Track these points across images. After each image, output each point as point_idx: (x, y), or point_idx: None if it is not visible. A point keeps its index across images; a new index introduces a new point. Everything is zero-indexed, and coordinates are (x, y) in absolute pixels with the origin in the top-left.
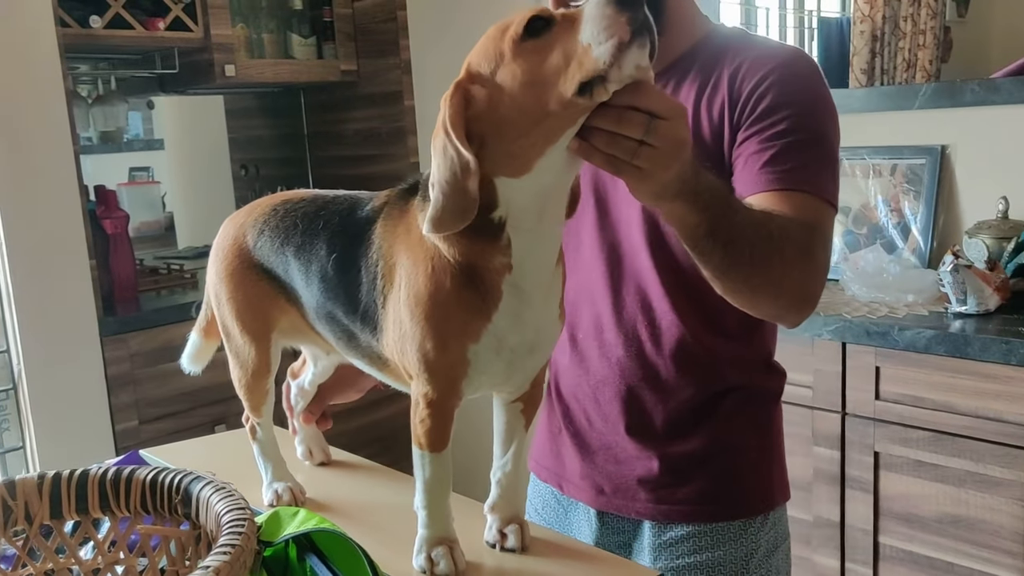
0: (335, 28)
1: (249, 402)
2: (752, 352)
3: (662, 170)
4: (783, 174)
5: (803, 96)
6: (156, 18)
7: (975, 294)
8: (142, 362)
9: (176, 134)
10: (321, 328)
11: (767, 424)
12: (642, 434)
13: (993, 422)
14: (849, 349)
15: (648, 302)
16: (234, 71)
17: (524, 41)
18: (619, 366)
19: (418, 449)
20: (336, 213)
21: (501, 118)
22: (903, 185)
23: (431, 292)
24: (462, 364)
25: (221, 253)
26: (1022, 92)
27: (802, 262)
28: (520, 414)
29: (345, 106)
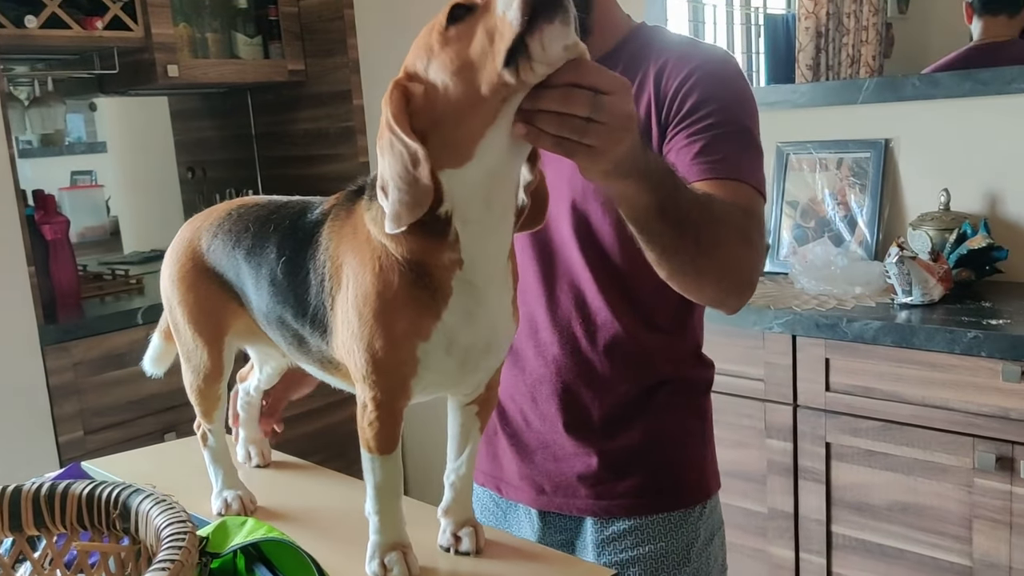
0: (281, 27)
1: (201, 407)
2: (683, 345)
3: (613, 145)
4: (714, 164)
5: (727, 92)
6: (94, 17)
7: (920, 285)
8: (86, 371)
9: (120, 136)
10: (272, 333)
11: (700, 415)
12: (580, 431)
13: (939, 410)
14: (799, 342)
15: (582, 299)
16: (177, 71)
17: (448, 30)
18: (555, 364)
19: (367, 453)
20: (286, 216)
21: (439, 110)
22: (849, 178)
23: (379, 290)
24: (411, 363)
25: (175, 256)
26: (961, 86)
27: (743, 244)
28: (475, 417)
29: (293, 106)
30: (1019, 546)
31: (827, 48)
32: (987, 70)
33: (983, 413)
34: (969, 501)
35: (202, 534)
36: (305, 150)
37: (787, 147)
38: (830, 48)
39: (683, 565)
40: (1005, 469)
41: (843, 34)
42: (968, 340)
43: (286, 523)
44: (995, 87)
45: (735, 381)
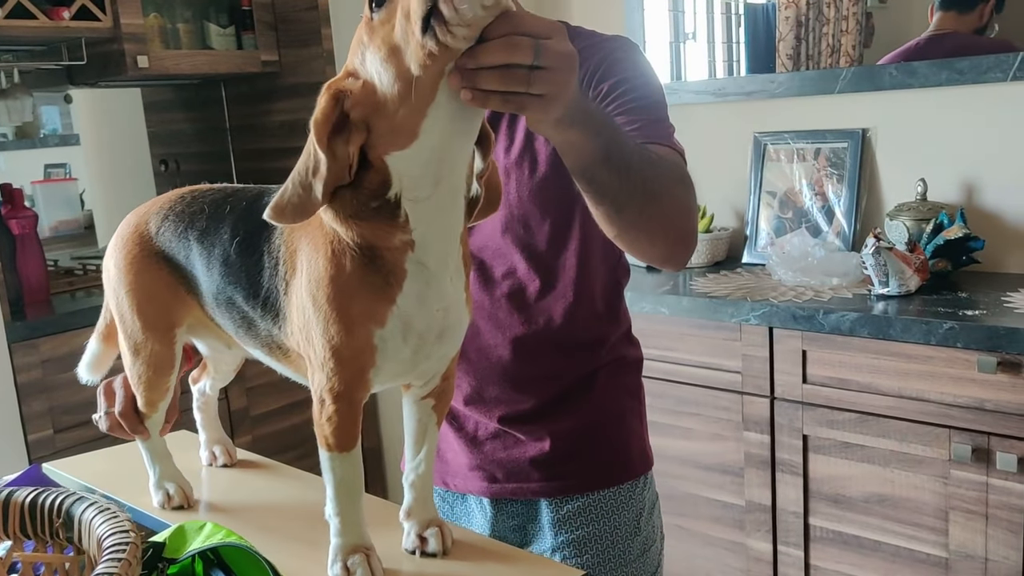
0: (254, 17)
1: (147, 398)
2: (617, 327)
3: (562, 88)
4: (638, 130)
5: (635, 70)
6: (60, 7)
7: (896, 276)
8: (55, 368)
9: (93, 129)
10: (219, 316)
11: (635, 392)
12: (530, 419)
13: (916, 401)
14: (776, 334)
15: (521, 291)
16: (147, 62)
17: (372, 19)
18: (498, 356)
19: (326, 451)
20: (243, 199)
21: (378, 99)
22: (826, 169)
23: (332, 276)
24: (369, 351)
25: (121, 242)
26: (938, 75)
27: (683, 191)
28: (431, 411)
29: (268, 97)
30: (995, 537)
31: (807, 38)
32: (964, 59)
33: (959, 404)
34: (945, 492)
35: (159, 539)
36: (280, 142)
37: (764, 137)
38: (810, 38)
39: (634, 535)
40: (981, 460)
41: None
42: (944, 331)
43: (248, 526)
44: (972, 76)
45: (712, 374)
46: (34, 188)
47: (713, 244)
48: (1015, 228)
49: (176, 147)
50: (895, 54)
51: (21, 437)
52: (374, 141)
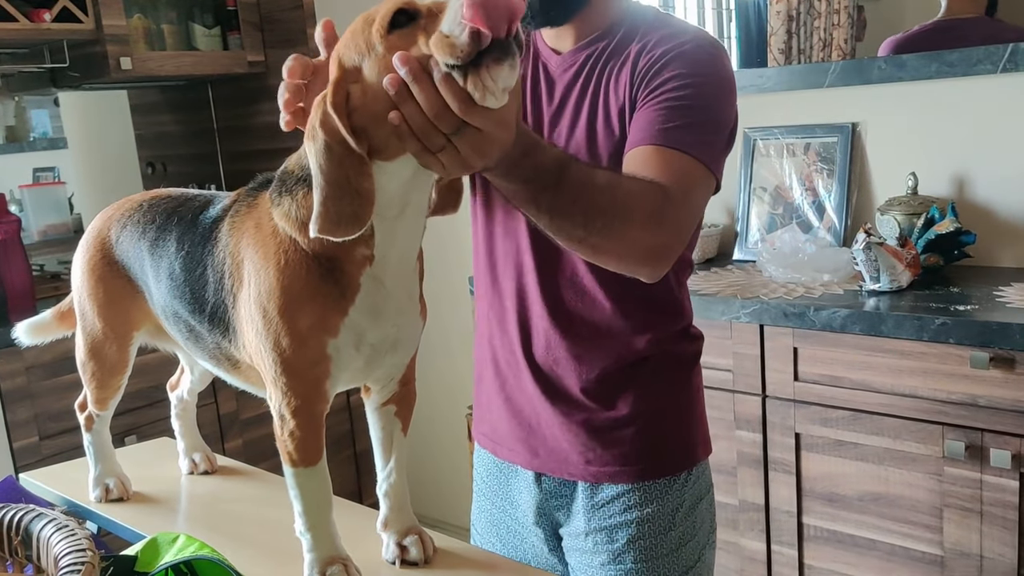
0: (239, 18)
1: (97, 395)
2: (671, 322)
3: (458, 169)
4: (663, 132)
5: (699, 70)
6: (41, 9)
7: (887, 271)
8: (40, 375)
9: (80, 132)
10: (169, 327)
11: (686, 386)
12: (570, 402)
13: (908, 398)
14: (767, 331)
15: (575, 274)
16: (130, 64)
17: (391, 34)
18: (546, 336)
19: (291, 467)
20: (190, 210)
21: (373, 110)
22: (816, 163)
23: (284, 286)
24: (324, 362)
25: (86, 246)
26: (928, 68)
27: (648, 224)
28: (395, 417)
29: (255, 98)
30: (989, 535)
31: (799, 32)
32: (954, 51)
33: (952, 401)
34: (939, 490)
35: (131, 552)
36: (268, 143)
37: (754, 132)
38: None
39: (668, 530)
40: (975, 457)
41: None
42: (936, 327)
43: (225, 537)
44: (961, 68)
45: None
46: (22, 192)
47: (704, 241)
48: (1007, 222)
49: (164, 149)
50: (901, 38)
51: (6, 444)
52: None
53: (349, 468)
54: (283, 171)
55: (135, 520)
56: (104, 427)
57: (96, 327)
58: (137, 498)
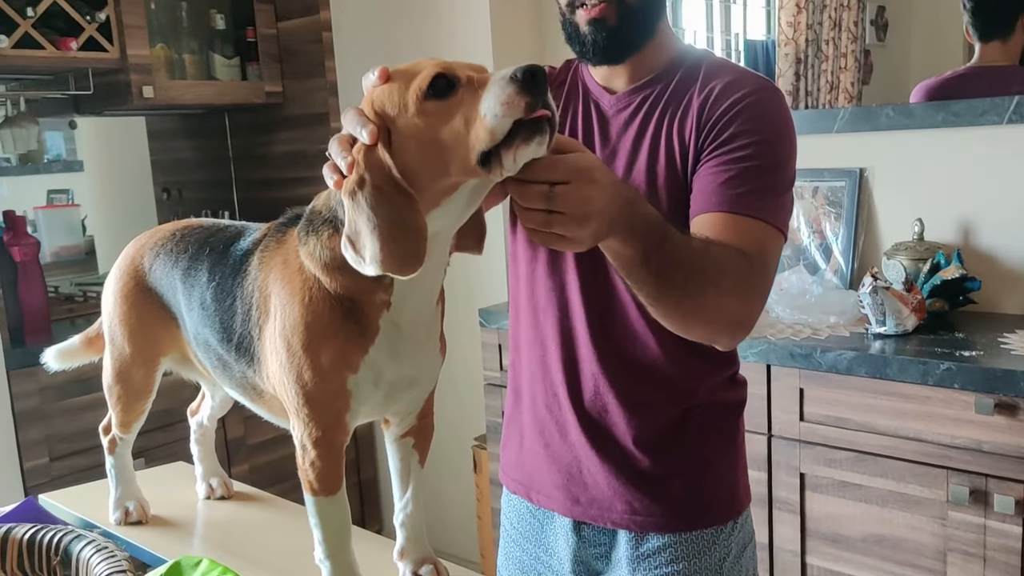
0: (259, 49)
1: (122, 418)
2: (721, 370)
3: (578, 230)
4: (737, 197)
5: (766, 125)
6: (68, 38)
7: (893, 315)
8: (53, 396)
9: (96, 156)
10: (199, 354)
11: (732, 435)
12: (616, 448)
13: (913, 441)
14: (774, 371)
15: (627, 321)
16: (152, 92)
17: (428, 100)
18: (594, 381)
19: (311, 496)
20: (221, 241)
21: (402, 160)
22: (824, 207)
23: (308, 322)
24: (343, 396)
25: (119, 273)
26: (935, 117)
27: (737, 292)
28: (413, 449)
29: (271, 128)
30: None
31: (806, 74)
32: (960, 102)
33: (956, 445)
34: (943, 534)
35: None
36: (282, 172)
37: None
38: (809, 74)
39: None
40: (979, 502)
41: (822, 60)
42: (941, 372)
43: (245, 561)
44: (968, 119)
45: None
46: (36, 214)
47: None
48: (1011, 269)
49: (179, 175)
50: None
51: (17, 465)
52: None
53: (353, 496)
54: (311, 210)
55: (154, 543)
56: (127, 450)
57: (125, 352)
58: (155, 521)
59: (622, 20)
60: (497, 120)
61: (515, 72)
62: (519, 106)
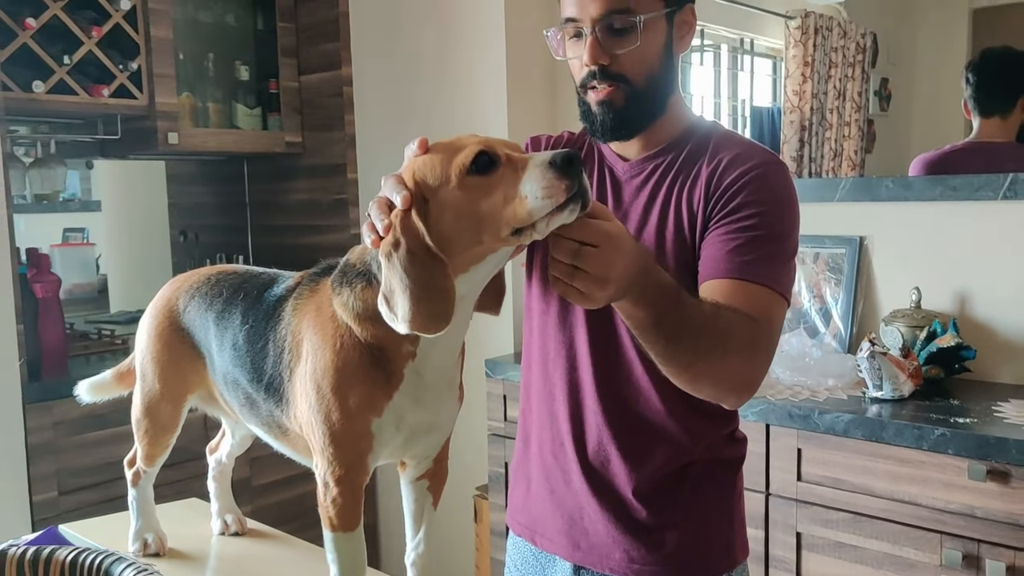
0: (281, 100)
1: (148, 452)
2: (721, 427)
3: (597, 290)
4: (744, 265)
5: (771, 197)
6: (100, 85)
7: (890, 380)
8: (66, 431)
9: (114, 196)
10: (226, 393)
11: (730, 490)
12: (616, 498)
13: (908, 505)
14: (773, 431)
15: (631, 377)
16: (177, 139)
17: (470, 175)
18: (598, 432)
19: (330, 531)
20: (256, 287)
21: (437, 232)
22: (825, 272)
23: (338, 367)
24: (367, 438)
25: (154, 312)
26: (932, 190)
27: (745, 354)
28: (427, 492)
29: (288, 176)
30: None
31: (811, 141)
32: (957, 177)
33: (950, 510)
34: None
35: None
36: (297, 219)
37: None
38: (813, 141)
39: None
40: (971, 567)
41: (826, 128)
42: (936, 437)
43: None
44: (964, 193)
45: None
46: (52, 251)
47: None
48: (1006, 340)
49: (195, 218)
50: (933, 156)
51: (26, 497)
52: None
53: None
54: (345, 263)
55: (170, 575)
56: (149, 483)
57: (155, 388)
58: (172, 554)
59: (629, 102)
60: (538, 202)
61: (554, 158)
62: (560, 190)
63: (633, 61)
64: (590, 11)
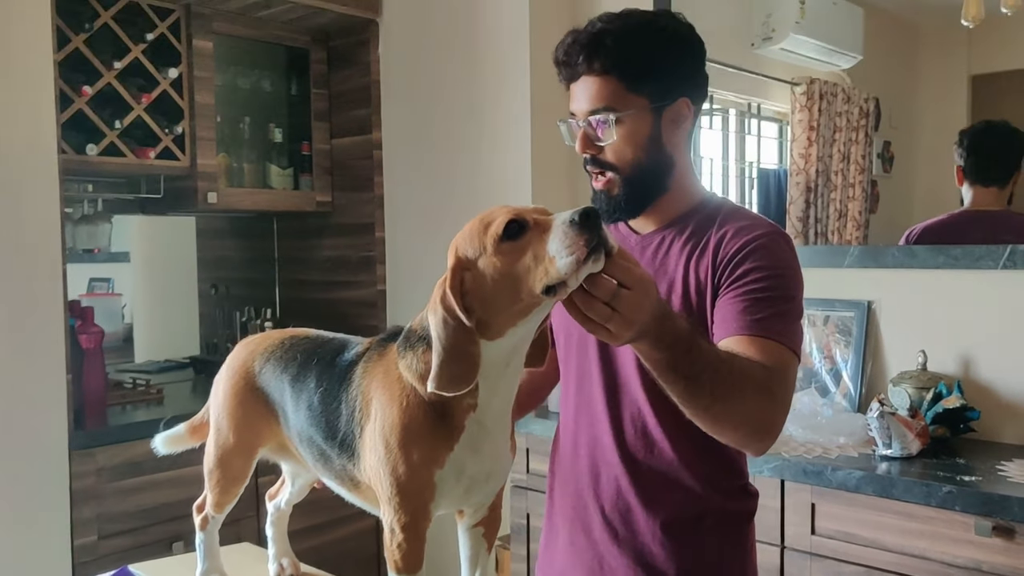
0: (313, 162)
1: (218, 500)
2: (732, 477)
3: (626, 331)
4: (755, 323)
5: (776, 262)
6: (147, 148)
7: (899, 439)
8: (108, 477)
9: (144, 249)
10: (302, 449)
11: (743, 542)
12: (634, 545)
13: (918, 559)
14: (787, 486)
15: (645, 428)
16: (216, 199)
17: (503, 242)
18: (616, 484)
19: (395, 574)
20: (328, 352)
21: (482, 296)
22: (835, 335)
23: (404, 424)
24: (430, 488)
25: (231, 371)
26: (936, 259)
27: (761, 398)
28: (482, 538)
29: (317, 233)
30: None
31: (816, 202)
32: (959, 247)
33: (957, 564)
34: None
35: None
36: (325, 276)
37: None
38: (819, 202)
39: None
40: None
41: (831, 190)
42: (943, 494)
43: None
44: (966, 262)
45: None
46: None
47: None
48: (1009, 402)
49: (222, 272)
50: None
51: (68, 541)
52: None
53: None
54: (408, 330)
55: None
56: (216, 528)
57: (229, 441)
58: None
59: (623, 189)
60: (563, 260)
61: (573, 216)
62: (580, 245)
63: (616, 152)
64: (582, 107)
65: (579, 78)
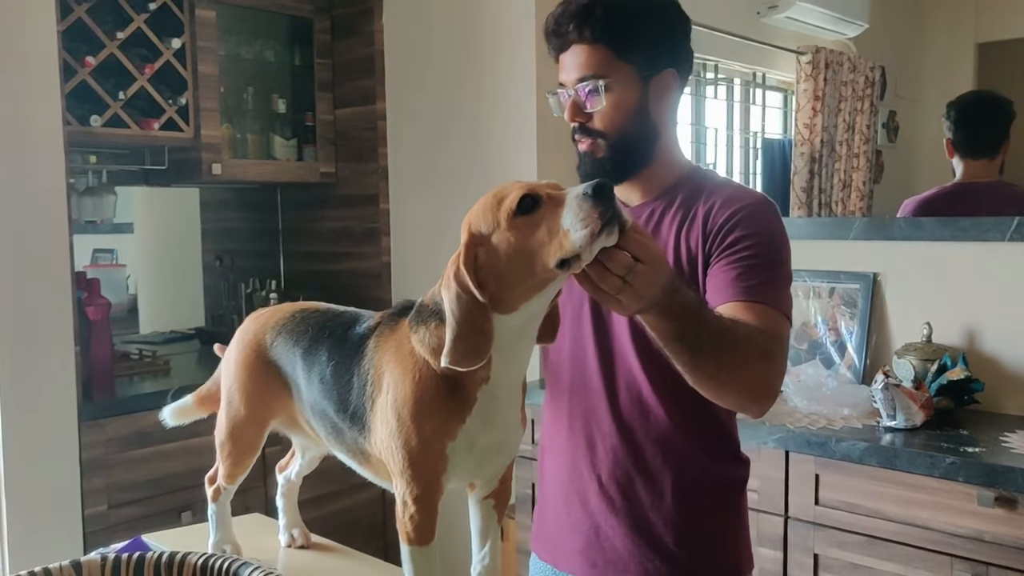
0: (317, 133)
1: (230, 471)
2: (723, 442)
3: (636, 303)
4: (747, 289)
5: (763, 229)
6: (151, 119)
7: (903, 410)
8: (117, 447)
9: (148, 220)
10: (314, 422)
11: (736, 507)
12: (631, 514)
13: (920, 529)
14: (792, 457)
15: (640, 397)
16: (220, 169)
17: (517, 217)
18: (614, 453)
19: (407, 545)
20: (340, 326)
21: (496, 272)
22: (840, 307)
23: (416, 397)
24: (442, 461)
25: (242, 344)
26: (942, 231)
27: (763, 363)
28: (492, 510)
29: (321, 205)
30: None
31: (820, 172)
32: (967, 219)
33: (960, 534)
34: None
35: None
36: (329, 247)
37: None
38: (823, 173)
39: None
40: None
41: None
42: (946, 465)
43: None
44: (973, 234)
45: None
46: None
47: None
48: (1012, 374)
49: (227, 243)
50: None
51: (79, 511)
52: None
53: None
54: (420, 304)
55: None
56: (228, 499)
57: (240, 413)
58: None
59: (608, 153)
60: (578, 233)
61: (586, 189)
62: (595, 219)
63: (604, 120)
64: (571, 76)
65: (569, 47)
